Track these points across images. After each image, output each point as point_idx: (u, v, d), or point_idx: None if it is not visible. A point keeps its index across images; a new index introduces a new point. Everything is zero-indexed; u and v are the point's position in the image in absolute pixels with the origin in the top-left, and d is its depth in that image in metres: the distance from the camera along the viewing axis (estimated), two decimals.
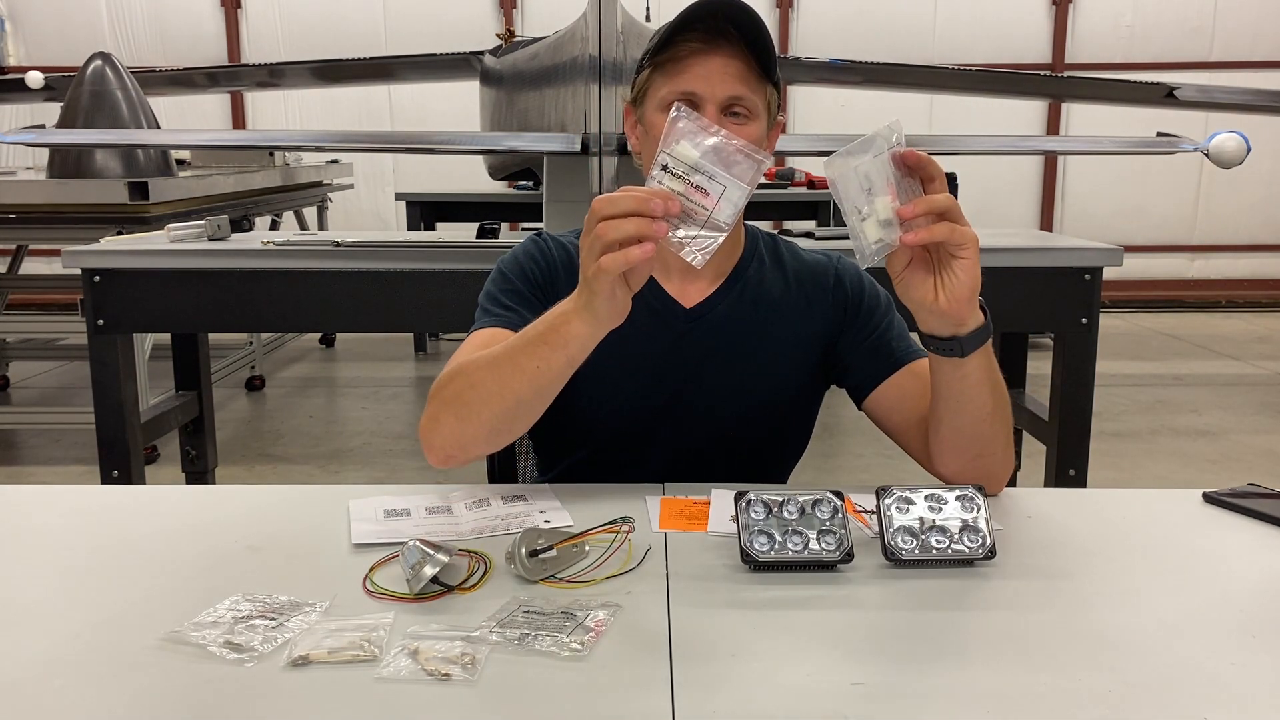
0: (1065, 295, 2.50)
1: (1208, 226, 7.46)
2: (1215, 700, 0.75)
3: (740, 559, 0.96)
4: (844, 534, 0.97)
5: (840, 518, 0.97)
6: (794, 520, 0.97)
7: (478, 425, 1.14)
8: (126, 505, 1.18)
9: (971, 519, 0.98)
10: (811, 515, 0.97)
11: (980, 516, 0.98)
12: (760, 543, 0.96)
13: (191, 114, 7.12)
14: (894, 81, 4.72)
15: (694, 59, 1.22)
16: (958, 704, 0.75)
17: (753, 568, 0.96)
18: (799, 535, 0.96)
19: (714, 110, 1.21)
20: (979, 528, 0.97)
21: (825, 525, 0.97)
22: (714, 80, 1.21)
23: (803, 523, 0.97)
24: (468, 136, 2.88)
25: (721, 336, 1.31)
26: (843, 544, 0.96)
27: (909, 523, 0.98)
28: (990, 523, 0.98)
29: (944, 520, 0.98)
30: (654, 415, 1.32)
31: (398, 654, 0.79)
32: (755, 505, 0.98)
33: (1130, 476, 3.69)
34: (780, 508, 0.98)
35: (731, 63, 1.22)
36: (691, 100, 1.21)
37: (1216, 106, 3.99)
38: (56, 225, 3.49)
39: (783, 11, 7.23)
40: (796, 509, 0.98)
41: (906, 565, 0.97)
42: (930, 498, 0.99)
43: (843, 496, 0.99)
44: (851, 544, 0.96)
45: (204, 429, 3.01)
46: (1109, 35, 7.22)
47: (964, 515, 0.98)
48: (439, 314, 2.53)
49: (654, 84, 1.25)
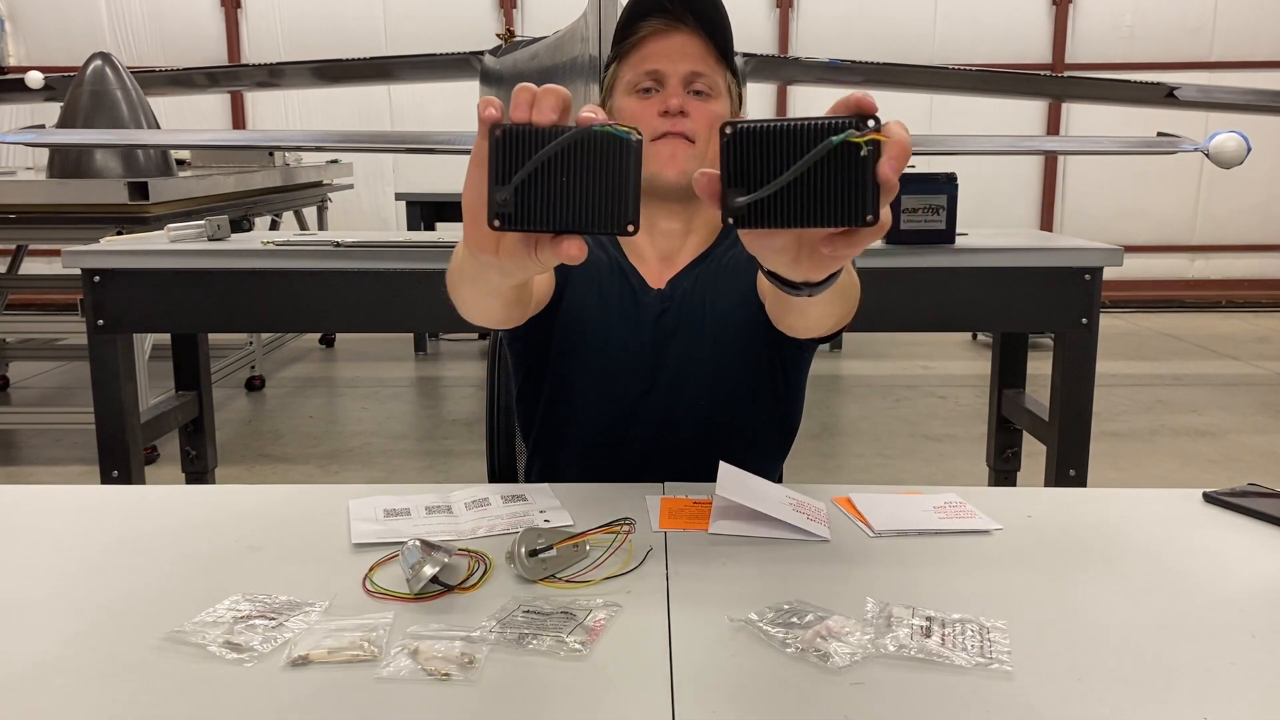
0: (1065, 295, 2.50)
1: (1208, 226, 7.46)
2: (1215, 700, 0.75)
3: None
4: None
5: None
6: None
7: (471, 304, 1.12)
8: (126, 505, 1.18)
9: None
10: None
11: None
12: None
13: (191, 114, 7.12)
14: (894, 81, 4.72)
15: (654, 39, 1.28)
16: (957, 703, 0.75)
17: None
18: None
19: (677, 85, 1.25)
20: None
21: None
22: (675, 57, 1.26)
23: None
24: (468, 136, 2.87)
25: (685, 310, 1.32)
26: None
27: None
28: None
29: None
30: (640, 396, 1.34)
31: (398, 654, 0.79)
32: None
33: (1130, 476, 3.69)
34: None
35: (691, 41, 1.27)
36: (655, 77, 1.25)
37: (1216, 106, 3.99)
38: (56, 225, 3.48)
39: (783, 11, 7.23)
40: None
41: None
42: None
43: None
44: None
45: (204, 429, 3.01)
46: (1109, 35, 7.22)
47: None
48: (439, 314, 2.52)
49: (619, 72, 1.30)
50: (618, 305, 1.33)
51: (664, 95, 1.26)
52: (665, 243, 1.35)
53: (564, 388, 1.36)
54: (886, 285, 2.46)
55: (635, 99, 1.27)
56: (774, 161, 0.67)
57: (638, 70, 1.27)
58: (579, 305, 1.32)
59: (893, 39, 7.07)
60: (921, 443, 4.13)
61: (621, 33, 1.28)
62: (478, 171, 0.72)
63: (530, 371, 1.38)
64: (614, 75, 1.31)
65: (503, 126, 0.69)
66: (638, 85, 1.28)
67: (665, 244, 1.35)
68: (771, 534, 1.06)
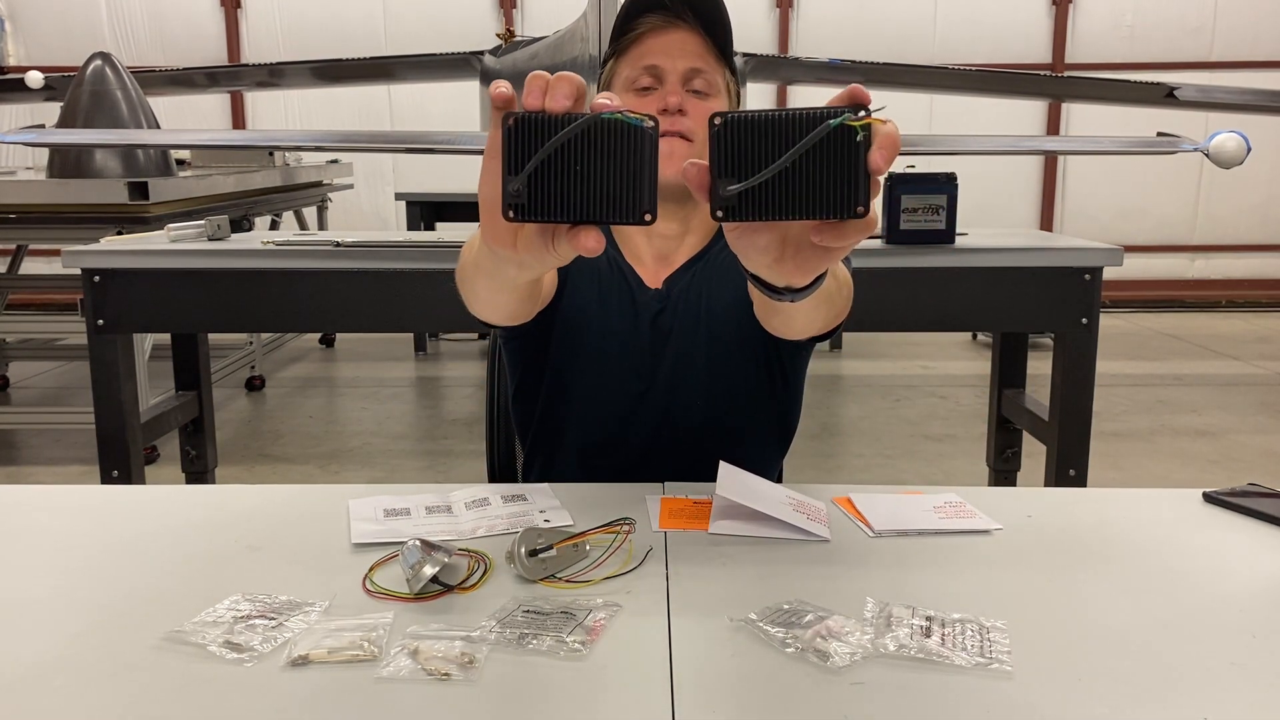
0: (1065, 295, 2.50)
1: (1208, 226, 7.46)
2: (1215, 700, 0.75)
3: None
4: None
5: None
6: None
7: (484, 300, 1.10)
8: (126, 505, 1.18)
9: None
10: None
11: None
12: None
13: (191, 114, 7.12)
14: (894, 81, 4.72)
15: (652, 35, 1.27)
16: (957, 703, 0.75)
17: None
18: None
19: (676, 82, 1.24)
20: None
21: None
22: (674, 53, 1.25)
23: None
24: (468, 136, 2.87)
25: (682, 310, 1.32)
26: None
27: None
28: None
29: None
30: (638, 396, 1.34)
31: (397, 654, 0.79)
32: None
33: (1130, 476, 3.69)
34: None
35: (691, 38, 1.27)
36: (654, 74, 1.24)
37: (1216, 106, 3.98)
38: (56, 225, 3.49)
39: (783, 11, 7.23)
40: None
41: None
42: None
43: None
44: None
45: (204, 429, 3.01)
46: (1109, 35, 7.23)
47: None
48: (439, 314, 2.53)
49: (617, 69, 1.29)
50: (615, 305, 1.33)
51: (662, 93, 1.25)
52: (662, 242, 1.35)
53: (562, 387, 1.36)
54: (886, 285, 2.46)
55: (633, 96, 1.27)
56: (764, 152, 0.67)
57: (636, 66, 1.26)
58: (577, 304, 1.32)
59: (892, 39, 7.07)
60: (921, 443, 4.13)
61: (620, 28, 1.27)
62: (492, 163, 0.72)
63: (528, 371, 1.38)
64: (612, 71, 1.31)
65: (516, 115, 0.68)
66: (636, 82, 1.27)
67: (662, 244, 1.35)
68: (771, 534, 1.06)
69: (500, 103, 0.69)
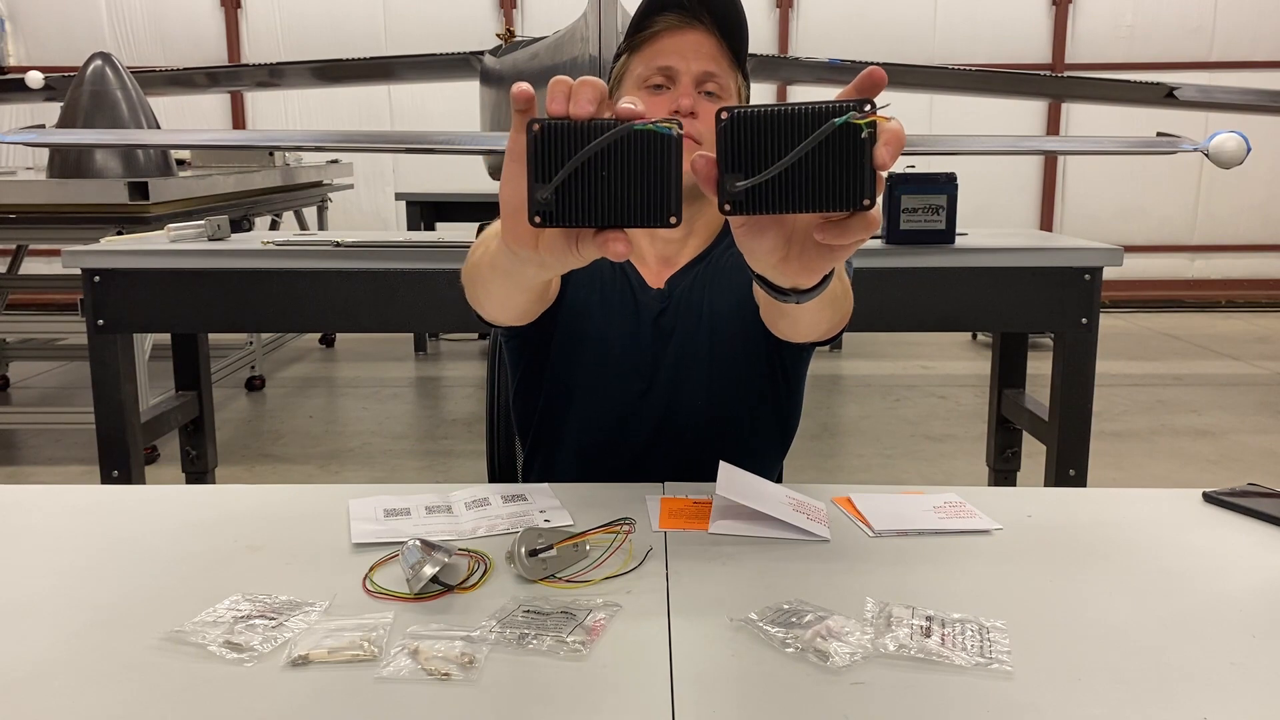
0: (1065, 295, 2.50)
1: (1208, 226, 7.46)
2: (1215, 700, 0.75)
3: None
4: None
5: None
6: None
7: (497, 300, 1.11)
8: (126, 505, 1.18)
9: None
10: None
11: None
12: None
13: (191, 114, 7.13)
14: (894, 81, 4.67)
15: (668, 34, 1.26)
16: (957, 703, 0.75)
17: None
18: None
19: (689, 84, 1.24)
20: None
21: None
22: (688, 55, 1.24)
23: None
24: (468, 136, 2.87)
25: (683, 310, 1.32)
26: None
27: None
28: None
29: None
30: (638, 396, 1.34)
31: (398, 654, 0.79)
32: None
33: (1130, 476, 3.69)
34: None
35: (706, 41, 1.26)
36: (667, 74, 1.24)
37: (1216, 106, 3.98)
38: (56, 225, 3.49)
39: (783, 11, 7.23)
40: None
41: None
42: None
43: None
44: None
45: (204, 429, 3.01)
46: (1109, 35, 7.23)
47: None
48: (439, 314, 2.53)
49: (630, 65, 1.28)
50: (617, 304, 1.33)
51: (674, 94, 1.24)
52: (665, 243, 1.35)
53: (562, 386, 1.36)
54: (886, 285, 2.46)
55: (645, 95, 1.26)
56: (772, 146, 0.67)
57: (650, 65, 1.25)
58: (578, 303, 1.32)
59: (893, 39, 7.07)
60: (921, 443, 4.13)
61: (636, 25, 1.27)
62: (516, 167, 0.72)
63: (528, 370, 1.38)
64: (624, 66, 1.30)
65: (541, 122, 0.68)
66: (648, 80, 1.26)
67: (665, 245, 1.35)
68: (771, 534, 1.06)
69: (520, 103, 0.70)
